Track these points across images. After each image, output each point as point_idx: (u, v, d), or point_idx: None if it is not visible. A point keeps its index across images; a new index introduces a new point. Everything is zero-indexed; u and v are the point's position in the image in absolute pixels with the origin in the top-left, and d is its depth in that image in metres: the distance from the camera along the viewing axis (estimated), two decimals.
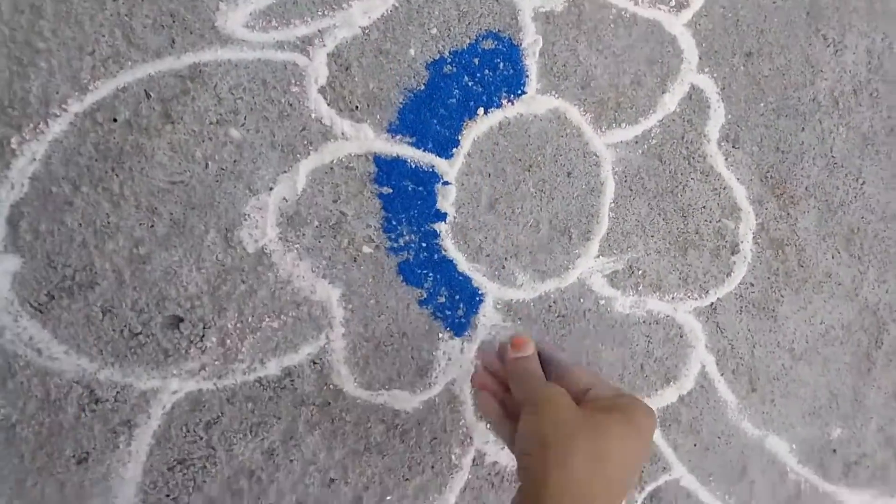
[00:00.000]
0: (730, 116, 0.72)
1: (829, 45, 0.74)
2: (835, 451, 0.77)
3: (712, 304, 0.73)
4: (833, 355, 0.77)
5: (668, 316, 0.72)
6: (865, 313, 0.78)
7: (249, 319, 0.60)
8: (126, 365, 0.58)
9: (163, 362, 0.59)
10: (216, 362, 0.60)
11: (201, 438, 0.59)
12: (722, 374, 0.73)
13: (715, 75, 0.71)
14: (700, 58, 0.70)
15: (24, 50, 0.55)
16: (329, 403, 0.62)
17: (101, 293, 0.57)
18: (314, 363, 0.62)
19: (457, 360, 0.65)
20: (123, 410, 0.58)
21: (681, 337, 0.72)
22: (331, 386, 0.62)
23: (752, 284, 0.74)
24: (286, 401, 0.61)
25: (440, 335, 0.65)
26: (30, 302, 0.56)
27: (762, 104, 0.73)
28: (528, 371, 0.52)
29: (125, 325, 0.58)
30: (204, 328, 0.59)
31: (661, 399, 0.71)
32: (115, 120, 0.56)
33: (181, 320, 0.59)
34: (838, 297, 0.77)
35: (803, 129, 0.74)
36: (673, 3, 0.68)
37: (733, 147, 0.72)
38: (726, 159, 0.72)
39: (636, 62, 0.69)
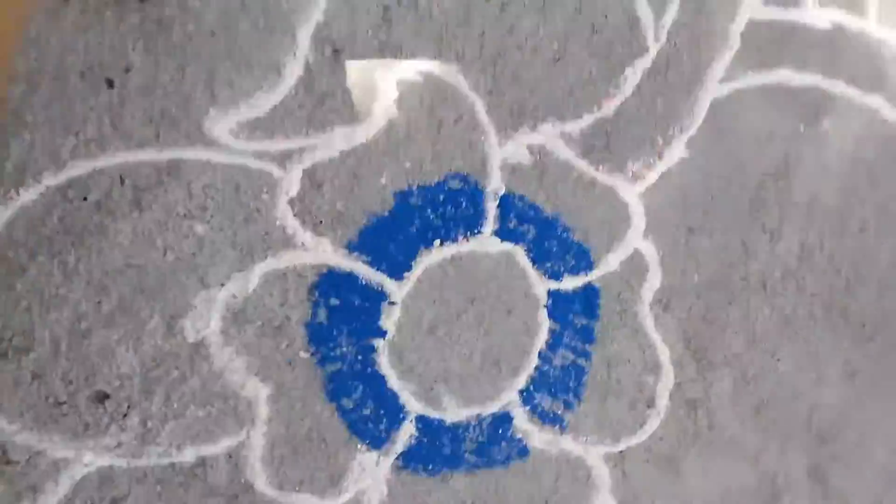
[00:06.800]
0: (665, 283, 0.77)
1: (766, 233, 0.81)
2: None
3: (622, 451, 0.77)
4: None
5: (579, 457, 0.75)
6: (764, 481, 0.83)
7: (175, 405, 0.62)
8: (44, 432, 0.59)
9: (81, 434, 0.60)
10: (133, 442, 0.61)
11: None
12: None
13: (657, 244, 0.77)
14: (647, 226, 0.76)
15: (12, 120, 0.57)
16: (237, 497, 0.64)
17: (35, 359, 0.58)
18: (230, 456, 0.64)
19: (370, 471, 0.68)
20: (32, 475, 0.59)
21: (588, 479, 0.76)
22: (242, 480, 0.64)
23: (662, 439, 0.78)
24: (196, 489, 0.63)
25: (358, 446, 0.67)
26: None
27: (696, 276, 0.79)
28: None
29: (51, 394, 0.59)
30: (128, 407, 0.61)
31: None
32: (85, 199, 0.59)
33: (107, 396, 0.60)
34: (741, 462, 0.82)
35: (731, 303, 0.80)
36: (630, 175, 0.75)
37: (663, 311, 0.78)
38: (656, 320, 0.77)
39: (587, 221, 0.74)
